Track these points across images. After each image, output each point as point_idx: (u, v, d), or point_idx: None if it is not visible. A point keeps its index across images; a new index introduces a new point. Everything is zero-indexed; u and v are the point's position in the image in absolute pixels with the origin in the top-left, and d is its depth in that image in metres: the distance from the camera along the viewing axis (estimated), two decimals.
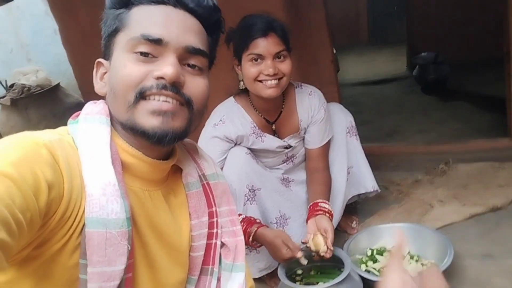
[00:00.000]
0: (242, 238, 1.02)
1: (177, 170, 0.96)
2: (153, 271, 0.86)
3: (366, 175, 2.02)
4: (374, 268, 1.71)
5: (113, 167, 0.74)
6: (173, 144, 0.84)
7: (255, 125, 1.74)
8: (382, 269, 1.69)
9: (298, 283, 1.65)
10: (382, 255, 1.75)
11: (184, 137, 0.84)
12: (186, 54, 0.81)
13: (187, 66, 0.82)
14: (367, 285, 1.61)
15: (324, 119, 1.81)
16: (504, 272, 1.67)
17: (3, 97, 3.45)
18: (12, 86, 3.46)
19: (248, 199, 1.68)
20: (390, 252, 1.53)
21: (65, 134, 0.78)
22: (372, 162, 2.08)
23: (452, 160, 2.59)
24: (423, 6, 5.02)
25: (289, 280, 1.60)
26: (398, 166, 2.72)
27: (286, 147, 1.82)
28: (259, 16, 1.60)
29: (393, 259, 0.76)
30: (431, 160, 2.67)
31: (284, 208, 1.80)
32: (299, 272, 1.71)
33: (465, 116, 3.47)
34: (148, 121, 0.78)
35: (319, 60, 2.61)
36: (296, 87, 1.82)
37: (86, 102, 0.87)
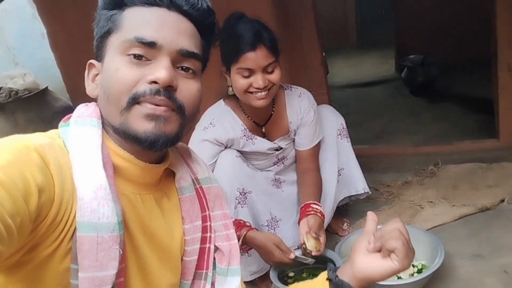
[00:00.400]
0: (236, 242, 1.01)
1: (169, 174, 0.95)
2: (145, 276, 0.85)
3: (357, 177, 2.03)
4: None
5: (104, 171, 0.73)
6: (165, 149, 0.83)
7: (245, 127, 1.74)
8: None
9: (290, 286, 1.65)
10: None
11: (176, 142, 0.83)
12: (180, 57, 0.80)
13: (181, 69, 0.82)
14: None
15: (314, 121, 1.81)
16: (494, 271, 1.69)
17: None
18: None
19: (239, 202, 1.67)
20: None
21: (56, 137, 0.77)
22: (362, 163, 2.09)
23: (441, 161, 2.61)
24: (411, 9, 5.07)
25: (281, 282, 1.60)
26: (387, 167, 2.74)
27: (277, 149, 1.82)
28: (247, 23, 1.56)
29: (364, 235, 0.94)
30: (420, 161, 2.70)
31: (275, 210, 1.80)
32: (291, 274, 1.71)
33: (453, 117, 3.50)
34: (141, 125, 0.77)
35: (309, 62, 2.63)
36: (285, 89, 1.82)
37: (74, 106, 0.85)
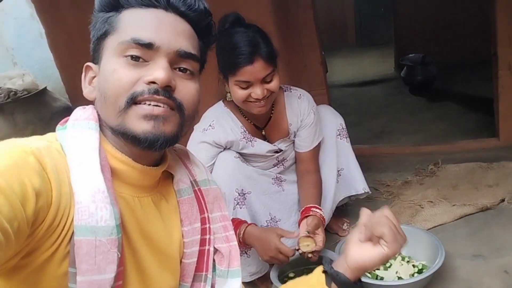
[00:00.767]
0: (235, 243, 1.01)
1: (168, 176, 0.94)
2: (143, 278, 0.84)
3: (357, 177, 2.02)
4: None
5: (102, 174, 0.73)
6: (164, 149, 0.83)
7: (245, 130, 1.73)
8: (374, 271, 1.70)
9: None
10: None
11: (175, 142, 0.82)
12: (178, 58, 0.80)
13: (178, 70, 0.81)
14: None
15: (313, 123, 1.80)
16: (494, 271, 1.68)
17: None
18: None
19: (237, 203, 1.67)
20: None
21: (53, 140, 0.76)
22: (361, 163, 2.08)
23: (441, 160, 2.61)
24: (410, 8, 5.07)
25: (281, 282, 1.60)
26: (387, 167, 2.74)
27: (276, 151, 1.82)
28: (244, 33, 1.52)
29: (357, 227, 0.98)
30: (420, 161, 2.70)
31: (274, 210, 1.80)
32: (292, 275, 1.70)
33: (452, 116, 3.50)
34: (139, 125, 0.76)
35: (308, 62, 2.63)
36: (285, 91, 1.81)
37: (73, 106, 0.85)
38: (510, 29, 2.40)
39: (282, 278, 1.67)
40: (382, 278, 1.65)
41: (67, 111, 0.82)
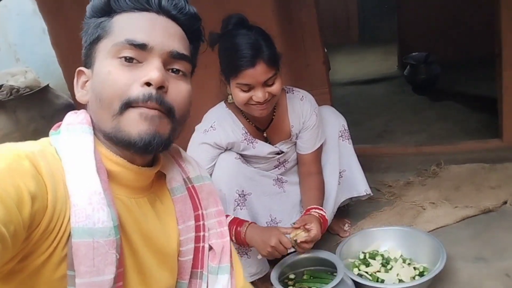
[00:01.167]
0: (228, 239, 1.02)
1: (161, 176, 0.95)
2: (143, 278, 0.85)
3: (359, 179, 2.02)
4: (366, 272, 1.70)
5: (98, 176, 0.73)
6: (158, 151, 0.83)
7: (246, 131, 1.73)
8: (375, 273, 1.69)
9: None
10: (375, 259, 1.75)
11: (168, 145, 0.84)
12: (170, 59, 0.82)
13: (171, 71, 0.83)
14: None
15: (316, 125, 1.80)
16: (496, 274, 1.68)
17: None
18: (0, 87, 3.40)
19: (238, 204, 1.67)
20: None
21: (47, 145, 0.77)
22: (363, 163, 2.08)
23: (443, 161, 2.60)
24: (414, 5, 5.03)
25: (282, 284, 1.59)
26: (389, 167, 2.73)
27: (278, 153, 1.81)
28: (246, 35, 1.51)
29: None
30: (423, 161, 2.68)
31: (275, 212, 1.79)
32: (292, 276, 1.70)
33: (455, 116, 3.47)
34: (134, 127, 0.77)
35: (311, 61, 2.61)
36: (287, 92, 1.80)
37: (76, 103, 0.86)
38: None
39: (283, 280, 1.67)
40: (382, 281, 1.65)
41: (70, 108, 0.84)
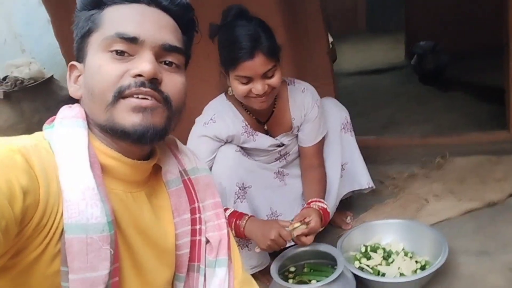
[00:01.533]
0: (225, 232, 1.01)
1: (159, 169, 0.95)
2: (140, 273, 0.85)
3: (361, 172, 2.00)
4: (367, 265, 1.69)
5: (92, 171, 0.73)
6: (153, 142, 0.83)
7: (247, 124, 1.71)
8: (376, 266, 1.68)
9: (291, 281, 1.64)
10: (376, 252, 1.74)
11: (164, 136, 0.83)
12: (163, 52, 0.81)
13: (164, 63, 0.82)
14: (360, 282, 1.60)
15: (317, 117, 1.78)
16: (499, 268, 1.66)
17: None
18: (4, 78, 3.42)
19: (238, 197, 1.66)
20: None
21: (41, 139, 0.77)
22: (367, 155, 2.06)
23: (449, 153, 2.56)
24: None
25: (282, 277, 1.59)
26: (394, 159, 2.70)
27: (279, 146, 1.80)
28: (245, 26, 1.49)
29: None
30: (428, 153, 2.64)
31: (275, 204, 1.78)
32: (292, 269, 1.70)
33: (463, 107, 3.43)
34: (127, 119, 0.76)
35: (314, 52, 2.58)
36: (288, 84, 1.78)
37: None
38: None
39: (283, 273, 1.67)
40: (384, 274, 1.64)
41: (73, 99, 0.83)
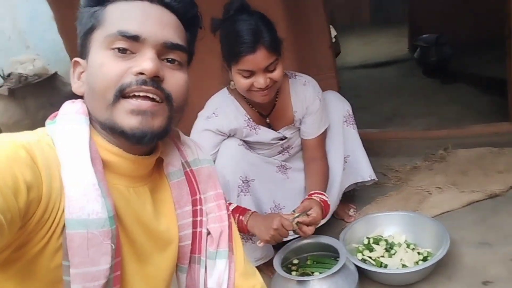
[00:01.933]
0: (226, 223, 1.01)
1: (162, 162, 0.95)
2: (143, 267, 0.86)
3: (363, 164, 2.01)
4: (370, 257, 1.71)
5: (93, 166, 0.74)
6: (153, 143, 0.83)
7: (249, 117, 1.73)
8: (378, 258, 1.70)
9: (294, 273, 1.66)
10: (378, 244, 1.76)
11: (164, 136, 0.83)
12: (165, 50, 0.81)
13: (166, 61, 0.82)
14: (363, 274, 1.62)
15: (319, 109, 1.78)
16: (500, 260, 1.67)
17: (0, 86, 3.43)
18: (9, 75, 3.44)
19: (241, 191, 1.67)
20: None
21: (43, 135, 0.77)
22: (370, 148, 2.06)
23: (451, 145, 2.57)
24: None
25: (285, 269, 1.61)
26: (396, 152, 2.70)
27: (281, 139, 1.81)
28: (246, 21, 1.50)
29: None
30: (430, 145, 2.65)
31: (278, 198, 1.80)
32: (295, 261, 1.72)
33: (467, 99, 3.42)
34: (126, 121, 0.77)
35: (317, 45, 2.58)
36: (290, 77, 1.79)
37: None
38: None
39: (286, 265, 1.69)
40: (386, 266, 1.65)
41: (77, 96, 0.84)
